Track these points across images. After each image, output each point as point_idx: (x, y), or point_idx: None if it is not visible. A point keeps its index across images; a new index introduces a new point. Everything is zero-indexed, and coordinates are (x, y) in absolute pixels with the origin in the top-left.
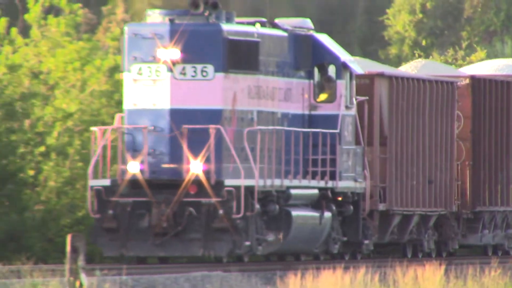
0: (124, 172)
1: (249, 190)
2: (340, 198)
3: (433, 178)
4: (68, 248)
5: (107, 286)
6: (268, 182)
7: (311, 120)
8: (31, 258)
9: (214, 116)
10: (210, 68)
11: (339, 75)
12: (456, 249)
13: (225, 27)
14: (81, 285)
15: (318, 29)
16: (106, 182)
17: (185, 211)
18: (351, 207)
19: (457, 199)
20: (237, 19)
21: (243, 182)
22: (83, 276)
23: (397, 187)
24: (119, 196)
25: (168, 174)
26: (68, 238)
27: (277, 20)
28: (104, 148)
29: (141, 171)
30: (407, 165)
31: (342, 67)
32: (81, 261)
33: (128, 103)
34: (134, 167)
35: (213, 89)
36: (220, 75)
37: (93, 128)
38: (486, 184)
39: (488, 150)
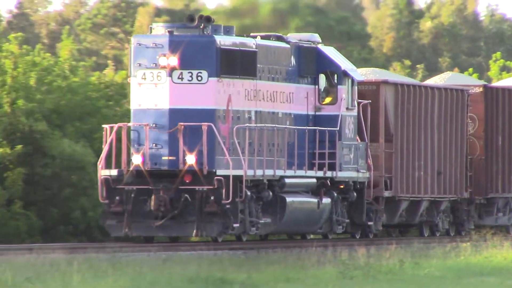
0: (129, 163)
1: (239, 179)
2: (342, 186)
3: (441, 170)
4: None
5: None
6: (259, 172)
7: (316, 120)
8: None
9: (207, 115)
10: (204, 73)
11: (340, 81)
12: (472, 229)
13: (219, 38)
14: None
15: None
16: (114, 172)
17: (181, 197)
18: (355, 194)
19: (470, 187)
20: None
21: (231, 172)
22: None
23: (402, 177)
24: (125, 184)
25: (167, 165)
26: None
27: (289, 35)
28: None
29: (144, 162)
30: (413, 159)
31: (343, 75)
32: None
33: (134, 104)
34: (137, 159)
35: (206, 92)
36: (213, 79)
37: (104, 126)
38: (499, 175)
39: (502, 146)
